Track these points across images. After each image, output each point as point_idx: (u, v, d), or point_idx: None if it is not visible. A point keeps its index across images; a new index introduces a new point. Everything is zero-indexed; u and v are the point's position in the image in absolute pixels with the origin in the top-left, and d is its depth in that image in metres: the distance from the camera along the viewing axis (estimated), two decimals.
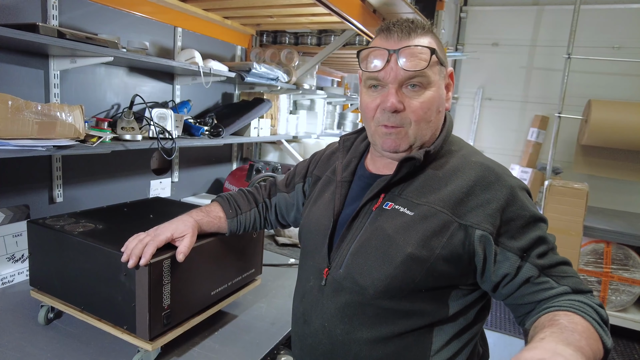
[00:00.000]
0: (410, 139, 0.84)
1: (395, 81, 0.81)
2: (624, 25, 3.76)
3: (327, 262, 0.90)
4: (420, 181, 0.84)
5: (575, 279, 0.78)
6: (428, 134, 0.86)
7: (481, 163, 0.83)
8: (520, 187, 0.81)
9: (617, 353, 3.00)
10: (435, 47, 0.82)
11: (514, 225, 0.78)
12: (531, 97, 4.23)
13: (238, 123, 2.10)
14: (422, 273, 0.78)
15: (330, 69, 3.71)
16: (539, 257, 0.77)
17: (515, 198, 0.79)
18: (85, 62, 1.46)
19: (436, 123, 0.86)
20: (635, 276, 3.01)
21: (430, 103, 0.82)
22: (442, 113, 0.87)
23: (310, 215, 1.00)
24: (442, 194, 0.80)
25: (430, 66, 0.81)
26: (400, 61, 0.80)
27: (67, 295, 1.10)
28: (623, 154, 3.60)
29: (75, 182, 1.69)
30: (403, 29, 0.82)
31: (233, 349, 1.13)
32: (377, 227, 0.83)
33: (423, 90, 0.82)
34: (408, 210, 0.82)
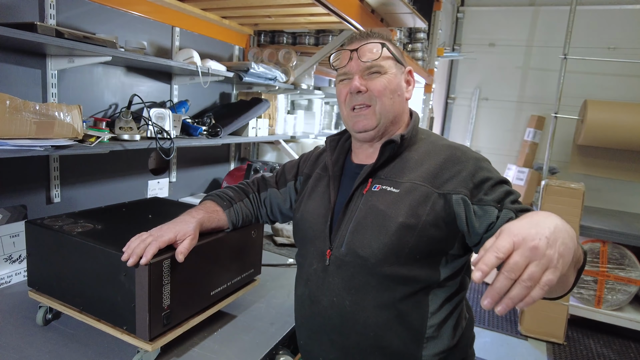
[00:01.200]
0: (376, 116, 1.01)
1: (358, 71, 1.02)
2: (619, 26, 3.79)
3: (329, 244, 1.01)
4: (399, 164, 1.01)
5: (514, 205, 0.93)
6: (391, 112, 1.02)
7: (448, 145, 1.02)
8: (483, 159, 0.99)
9: (613, 352, 3.02)
10: (389, 46, 1.03)
11: (484, 186, 0.93)
12: (527, 98, 4.25)
13: (236, 123, 2.10)
14: (414, 238, 0.92)
15: (328, 69, 3.71)
16: (512, 203, 0.91)
17: (480, 166, 0.96)
18: (83, 61, 1.45)
19: (398, 105, 1.04)
20: (631, 275, 3.03)
21: (388, 84, 1.01)
22: (402, 98, 1.05)
23: (307, 208, 1.11)
24: (420, 172, 0.96)
25: (384, 58, 1.01)
26: (360, 56, 1.01)
27: (65, 295, 1.09)
28: (619, 154, 3.63)
29: (73, 182, 1.69)
30: (362, 36, 1.05)
31: (232, 349, 1.13)
32: (371, 206, 0.97)
33: (380, 75, 1.01)
34: (394, 188, 0.97)
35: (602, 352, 3.01)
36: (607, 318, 3.11)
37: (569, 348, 3.03)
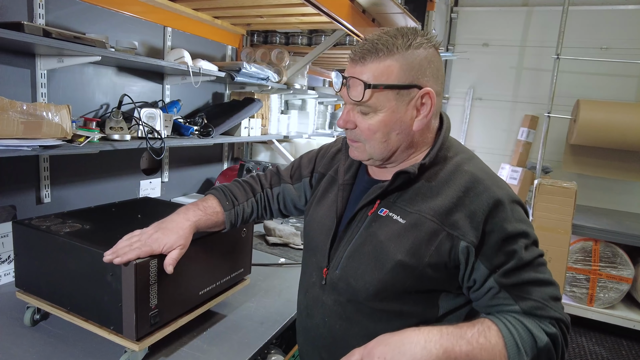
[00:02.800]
0: (367, 153, 0.89)
1: (349, 102, 0.87)
2: (611, 26, 3.81)
3: (326, 262, 0.95)
4: (414, 190, 0.87)
5: (535, 303, 0.78)
6: (386, 151, 0.87)
7: (472, 173, 0.84)
8: (507, 200, 0.81)
9: (605, 349, 3.04)
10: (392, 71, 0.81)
11: (493, 238, 0.79)
12: (521, 97, 4.27)
13: (228, 123, 2.10)
14: (411, 279, 0.83)
15: (321, 69, 3.71)
16: (504, 275, 0.79)
17: (498, 210, 0.80)
18: (73, 61, 1.45)
19: (397, 143, 0.87)
20: (623, 274, 3.05)
21: (379, 126, 0.84)
22: (403, 134, 0.86)
23: (314, 215, 1.04)
24: (433, 203, 0.83)
25: (374, 96, 0.82)
26: (348, 89, 0.84)
27: (53, 296, 1.09)
28: (611, 153, 3.65)
29: (64, 183, 1.68)
30: (361, 53, 0.83)
31: (222, 349, 1.13)
32: (371, 233, 0.87)
33: (372, 114, 0.84)
34: (401, 218, 0.85)
35: (594, 349, 3.03)
36: (600, 316, 3.13)
37: None
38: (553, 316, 0.78)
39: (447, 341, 0.73)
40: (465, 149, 0.93)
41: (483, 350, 0.73)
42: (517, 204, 0.83)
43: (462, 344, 0.73)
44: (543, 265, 0.82)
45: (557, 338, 0.77)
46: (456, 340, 0.73)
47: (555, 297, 0.80)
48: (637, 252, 3.12)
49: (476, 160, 0.90)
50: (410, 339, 0.74)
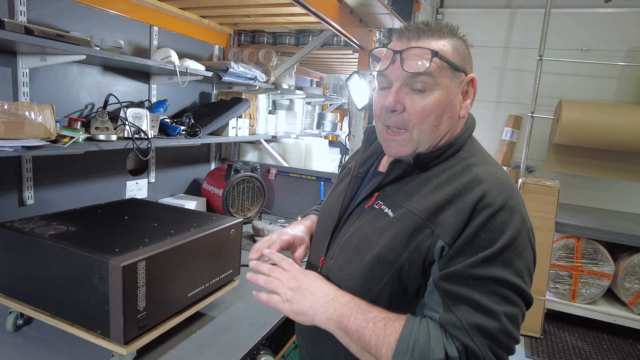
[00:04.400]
0: (413, 144, 0.83)
1: (399, 80, 0.81)
2: (591, 29, 3.90)
3: (325, 252, 0.95)
4: (413, 184, 0.83)
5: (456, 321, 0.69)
6: (434, 140, 0.83)
7: (477, 174, 0.78)
8: (500, 206, 0.73)
9: (587, 344, 3.11)
10: (448, 50, 0.80)
11: (461, 240, 0.72)
12: (505, 98, 4.33)
13: (215, 123, 2.08)
14: (387, 276, 0.79)
15: (309, 69, 3.71)
16: (444, 277, 0.72)
17: (483, 212, 0.72)
18: (56, 60, 1.42)
19: (445, 130, 0.83)
20: (604, 270, 3.13)
21: (434, 107, 0.80)
22: (453, 119, 0.83)
23: (325, 205, 1.05)
24: (425, 199, 0.79)
25: (437, 69, 0.78)
26: (403, 62, 0.79)
27: (37, 300, 1.07)
28: (593, 153, 3.73)
29: (48, 184, 1.65)
30: (413, 31, 0.82)
31: (211, 351, 1.12)
32: (360, 226, 0.87)
33: (427, 93, 0.80)
34: (391, 211, 0.82)
35: (576, 344, 3.10)
36: (582, 311, 3.20)
37: (546, 341, 3.11)
38: (466, 344, 0.68)
39: (348, 310, 0.76)
40: (486, 155, 0.87)
41: (374, 334, 0.72)
42: (514, 218, 0.73)
43: (359, 318, 0.74)
44: (500, 297, 0.70)
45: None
46: (356, 313, 0.75)
47: (487, 331, 0.68)
48: (617, 248, 3.20)
49: (492, 167, 0.82)
50: (325, 289, 0.81)
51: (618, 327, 3.17)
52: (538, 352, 2.95)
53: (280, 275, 0.85)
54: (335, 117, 3.84)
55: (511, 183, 0.79)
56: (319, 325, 0.79)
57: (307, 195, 2.49)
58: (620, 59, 3.79)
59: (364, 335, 0.73)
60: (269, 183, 2.57)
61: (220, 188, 2.22)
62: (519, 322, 0.72)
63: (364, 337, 0.73)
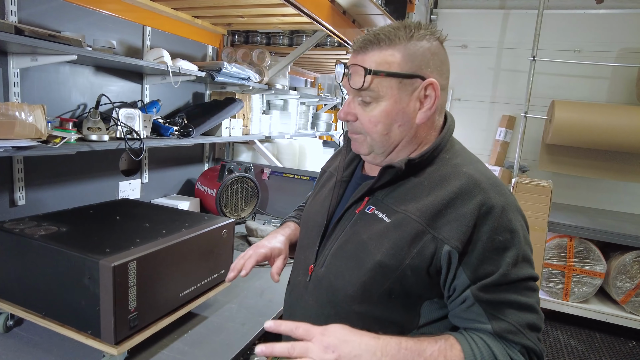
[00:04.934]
0: (367, 146, 0.87)
1: (350, 92, 0.85)
2: (584, 30, 3.93)
3: (314, 259, 0.92)
4: (405, 188, 0.84)
5: (509, 326, 0.73)
6: (387, 145, 0.85)
7: (470, 175, 0.79)
8: (504, 207, 0.76)
9: (579, 342, 3.13)
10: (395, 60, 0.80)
11: (479, 246, 0.74)
12: (499, 98, 4.36)
13: (208, 123, 2.08)
14: (390, 281, 0.79)
15: (303, 69, 3.72)
16: (483, 288, 0.74)
17: (490, 217, 0.75)
18: (48, 60, 1.41)
19: (399, 135, 0.84)
20: (596, 269, 3.16)
21: (381, 117, 0.82)
22: (407, 125, 0.84)
23: (309, 210, 1.03)
24: (422, 204, 0.79)
25: (378, 82, 0.80)
26: (350, 77, 0.83)
27: (27, 301, 1.06)
28: (585, 153, 3.77)
29: (39, 184, 1.64)
30: (362, 43, 0.83)
31: (203, 351, 1.12)
32: (355, 232, 0.85)
33: (374, 104, 0.82)
34: (386, 217, 0.82)
35: (569, 342, 3.12)
36: (574, 310, 3.23)
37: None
38: (525, 344, 0.72)
39: (402, 357, 0.70)
40: (469, 153, 0.89)
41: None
42: (516, 214, 0.78)
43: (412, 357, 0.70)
44: (530, 290, 0.76)
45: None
46: (413, 357, 0.70)
47: (534, 325, 0.74)
48: (609, 247, 3.23)
49: (479, 165, 0.84)
50: (367, 346, 0.70)
51: (610, 326, 3.20)
52: None
53: (308, 352, 0.71)
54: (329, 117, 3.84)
55: (501, 181, 0.82)
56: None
57: (301, 196, 2.48)
58: (611, 59, 3.83)
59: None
60: (263, 183, 2.57)
61: (214, 188, 2.22)
62: None
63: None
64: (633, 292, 3.07)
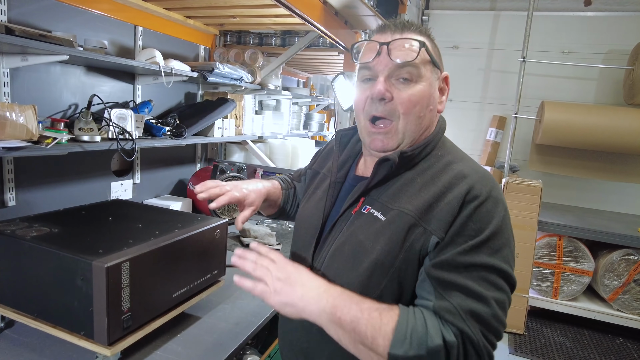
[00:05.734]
0: (398, 135, 0.84)
1: (385, 70, 0.82)
2: (572, 32, 3.99)
3: (310, 262, 0.92)
4: (398, 185, 0.84)
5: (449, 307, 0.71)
6: (417, 132, 0.85)
7: (460, 170, 0.81)
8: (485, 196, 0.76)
9: (568, 339, 3.18)
10: (429, 46, 0.84)
11: (452, 230, 0.75)
12: (489, 98, 4.40)
13: (201, 123, 2.08)
14: (386, 279, 0.79)
15: (295, 69, 3.72)
16: (435, 265, 0.75)
17: (473, 205, 0.75)
18: (38, 60, 1.40)
19: (426, 122, 0.86)
20: (584, 267, 3.21)
21: (420, 97, 0.82)
22: (433, 113, 0.87)
23: (303, 212, 1.02)
24: (414, 199, 0.80)
25: (421, 61, 0.81)
26: (390, 53, 0.81)
27: (19, 303, 1.06)
28: (574, 153, 3.82)
29: (30, 185, 1.63)
30: (397, 25, 0.84)
31: (196, 351, 1.13)
32: (352, 232, 0.85)
33: (413, 84, 0.82)
34: (382, 214, 0.82)
35: (558, 340, 3.17)
36: (563, 308, 3.28)
37: (529, 338, 3.17)
38: (461, 328, 0.69)
39: (341, 301, 0.73)
40: (460, 151, 0.91)
41: (369, 324, 0.70)
42: (498, 207, 0.77)
43: (352, 309, 0.72)
44: (487, 282, 0.72)
45: (453, 349, 0.68)
46: (350, 304, 0.73)
47: (479, 316, 0.70)
48: (597, 246, 3.28)
49: (469, 162, 0.86)
50: (314, 281, 0.77)
51: (598, 323, 3.26)
52: (521, 349, 3.01)
53: (269, 265, 0.81)
54: (322, 117, 3.86)
55: (491, 176, 0.83)
56: (309, 317, 0.76)
57: None
58: (599, 61, 3.89)
59: (359, 326, 0.71)
60: None
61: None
62: (507, 307, 0.74)
63: (358, 328, 0.71)
64: (620, 289, 3.13)
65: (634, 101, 3.59)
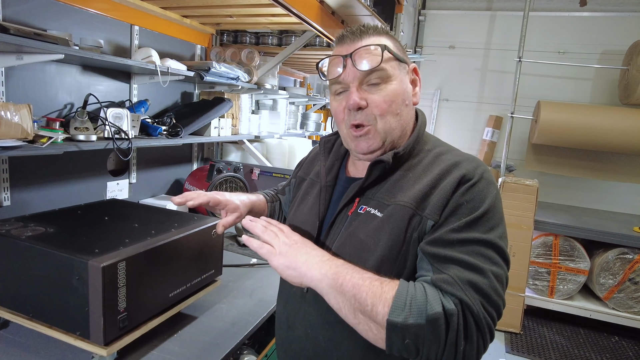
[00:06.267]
0: (380, 135, 0.86)
1: (355, 80, 0.84)
2: (568, 32, 4.01)
3: None
4: (392, 182, 0.86)
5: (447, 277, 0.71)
6: (398, 128, 0.87)
7: (451, 159, 0.84)
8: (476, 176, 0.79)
9: (564, 338, 3.20)
10: (390, 44, 0.86)
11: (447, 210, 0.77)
12: (486, 98, 4.42)
13: (197, 122, 2.08)
14: (394, 272, 0.79)
15: (292, 69, 3.72)
16: (430, 242, 0.76)
17: (466, 186, 0.78)
18: (34, 59, 1.39)
19: (406, 117, 0.88)
20: (580, 266, 3.22)
21: (394, 96, 0.84)
22: (410, 107, 0.89)
23: (295, 219, 1.01)
24: (410, 192, 0.82)
25: (386, 61, 0.83)
26: (355, 62, 0.83)
27: (14, 303, 1.05)
28: (570, 152, 3.84)
29: (25, 185, 1.62)
30: (355, 33, 0.86)
31: (193, 351, 1.12)
32: (351, 233, 0.85)
33: (384, 84, 0.84)
34: (379, 211, 0.83)
35: (554, 339, 3.18)
36: (559, 307, 3.29)
37: (525, 337, 3.18)
38: (460, 297, 0.69)
39: (343, 269, 0.75)
40: (444, 143, 0.93)
41: (370, 291, 0.71)
42: (490, 187, 0.80)
43: (355, 277, 0.73)
44: (482, 256, 0.73)
45: (453, 317, 0.68)
46: (352, 272, 0.74)
47: (477, 286, 0.70)
48: (592, 245, 3.30)
49: (457, 151, 0.89)
50: (317, 251, 0.80)
51: (593, 321, 3.28)
52: (518, 348, 3.02)
53: (278, 231, 0.84)
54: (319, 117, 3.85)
55: (482, 161, 0.86)
56: (309, 283, 0.76)
57: None
58: (594, 61, 3.92)
59: (360, 293, 0.71)
60: (252, 183, 2.57)
61: (203, 188, 2.21)
62: (504, 283, 0.75)
63: (359, 295, 0.71)
64: (615, 288, 3.15)
65: (629, 101, 3.61)
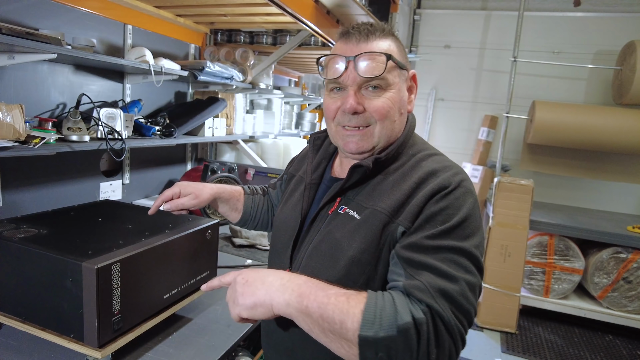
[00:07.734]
0: (374, 138, 0.86)
1: (354, 84, 0.84)
2: (562, 32, 4.03)
3: (289, 263, 0.93)
4: (372, 185, 0.86)
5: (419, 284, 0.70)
6: (390, 135, 0.87)
7: (428, 167, 0.83)
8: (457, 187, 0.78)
9: (559, 337, 3.21)
10: (394, 50, 0.85)
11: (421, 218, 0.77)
12: (481, 98, 4.43)
13: (191, 122, 2.06)
14: (364, 276, 0.80)
15: (287, 68, 3.71)
16: (405, 246, 0.76)
17: (442, 195, 0.77)
18: (25, 58, 1.37)
19: (399, 124, 0.88)
20: (575, 265, 3.24)
21: (392, 103, 0.84)
22: (404, 115, 0.89)
23: (281, 215, 1.03)
24: (387, 198, 0.82)
25: (388, 71, 0.83)
26: (357, 67, 0.82)
27: (6, 305, 1.04)
28: (565, 152, 3.86)
29: (17, 186, 1.60)
30: (362, 33, 0.84)
31: (188, 353, 1.11)
32: (328, 232, 0.86)
33: (383, 91, 0.84)
34: (357, 214, 0.84)
35: (549, 338, 3.20)
36: (554, 306, 3.31)
37: (521, 336, 3.20)
38: (430, 304, 0.68)
39: (306, 289, 0.71)
40: (429, 147, 0.92)
41: (337, 309, 0.68)
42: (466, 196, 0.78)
43: (319, 296, 0.70)
44: (455, 264, 0.72)
45: (423, 326, 0.66)
46: (315, 291, 0.71)
47: (448, 294, 0.69)
48: (587, 244, 3.32)
49: (438, 157, 0.88)
50: (276, 274, 0.76)
51: (588, 321, 3.30)
52: (513, 347, 3.03)
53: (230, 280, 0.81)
54: (314, 117, 3.85)
55: (462, 169, 0.85)
56: (279, 311, 0.73)
57: None
58: (588, 61, 3.94)
59: (327, 312, 0.68)
60: (247, 184, 2.55)
61: None
62: (477, 292, 0.74)
63: (326, 314, 0.68)
64: (610, 287, 3.17)
65: (622, 101, 3.63)
